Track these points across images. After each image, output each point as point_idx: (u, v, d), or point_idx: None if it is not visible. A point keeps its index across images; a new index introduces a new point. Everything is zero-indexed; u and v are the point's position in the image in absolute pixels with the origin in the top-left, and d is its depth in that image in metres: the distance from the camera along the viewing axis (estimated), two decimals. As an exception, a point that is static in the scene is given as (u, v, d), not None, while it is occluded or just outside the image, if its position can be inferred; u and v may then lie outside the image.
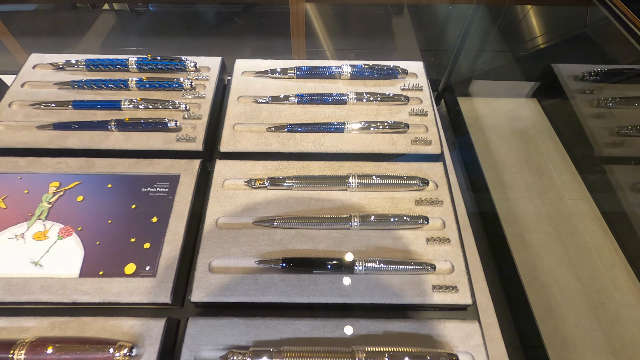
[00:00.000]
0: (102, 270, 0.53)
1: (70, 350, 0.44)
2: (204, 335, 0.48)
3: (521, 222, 0.76)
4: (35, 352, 0.44)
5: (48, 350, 0.43)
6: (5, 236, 0.56)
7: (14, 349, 0.44)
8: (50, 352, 0.44)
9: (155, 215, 0.58)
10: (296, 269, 0.52)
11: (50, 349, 0.43)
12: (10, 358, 0.44)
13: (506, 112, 0.90)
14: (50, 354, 0.44)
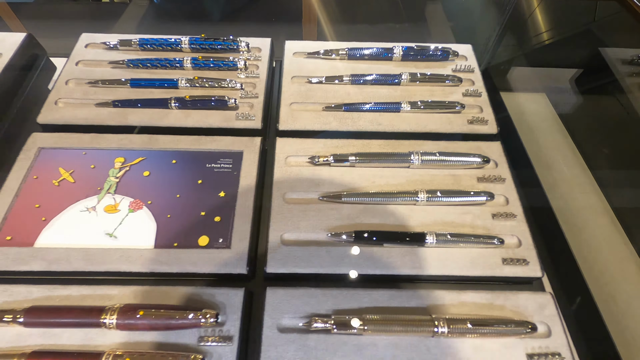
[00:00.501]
0: (176, 242, 0.53)
1: (160, 315, 0.45)
2: (284, 304, 0.49)
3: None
4: (125, 317, 0.45)
5: (138, 315, 0.44)
6: (77, 209, 0.56)
7: (105, 315, 0.45)
8: (140, 317, 0.45)
9: (222, 190, 0.58)
10: (368, 242, 0.53)
11: (142, 313, 0.44)
12: (102, 323, 0.45)
13: (539, 100, 0.90)
14: (140, 319, 0.45)
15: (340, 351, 0.46)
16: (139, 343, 0.46)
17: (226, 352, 0.46)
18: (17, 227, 0.54)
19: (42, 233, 0.54)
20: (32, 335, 0.46)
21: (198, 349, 0.46)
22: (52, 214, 0.55)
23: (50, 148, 0.62)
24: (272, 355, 0.46)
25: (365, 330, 0.46)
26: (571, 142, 0.81)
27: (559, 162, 0.71)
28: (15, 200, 0.56)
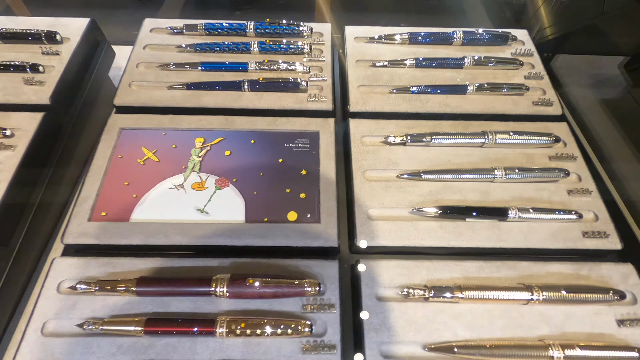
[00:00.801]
0: (266, 217, 0.55)
1: (268, 283, 0.47)
2: (378, 275, 0.51)
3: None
4: (235, 286, 0.47)
5: (248, 283, 0.46)
6: (165, 186, 0.58)
7: (215, 283, 0.47)
8: (249, 285, 0.46)
9: (303, 169, 0.60)
10: (452, 216, 0.55)
11: (251, 282, 0.46)
12: (213, 291, 0.47)
13: (586, 85, 0.92)
14: (249, 287, 0.46)
15: (438, 318, 0.48)
16: (245, 311, 0.48)
17: (330, 319, 0.48)
18: (110, 204, 0.56)
19: (135, 209, 0.55)
20: (143, 303, 0.48)
21: (303, 316, 0.48)
22: (142, 191, 0.57)
23: (131, 129, 0.63)
24: (374, 321, 0.47)
25: (462, 298, 0.48)
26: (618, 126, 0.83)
27: (619, 144, 0.73)
28: (104, 179, 0.58)
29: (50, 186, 0.63)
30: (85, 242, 0.52)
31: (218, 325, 0.45)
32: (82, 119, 0.72)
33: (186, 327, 0.45)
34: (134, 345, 0.45)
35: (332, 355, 0.45)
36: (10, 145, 0.59)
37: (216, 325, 0.45)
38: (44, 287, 0.48)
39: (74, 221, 0.53)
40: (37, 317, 0.47)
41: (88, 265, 0.51)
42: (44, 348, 0.45)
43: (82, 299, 0.48)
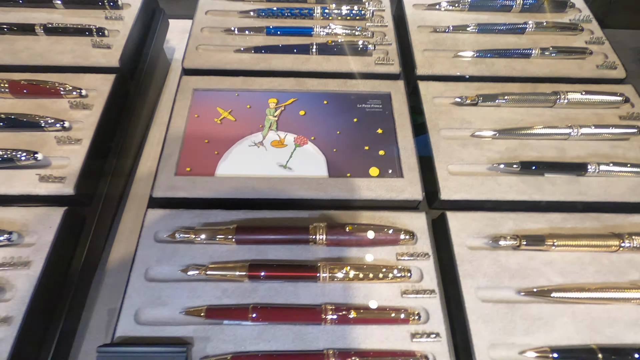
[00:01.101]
0: (349, 173, 0.56)
1: (365, 229, 0.47)
2: (466, 226, 0.51)
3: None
4: (334, 233, 0.47)
5: (347, 230, 0.47)
6: (245, 144, 0.58)
7: (313, 231, 0.47)
8: (348, 232, 0.47)
9: (379, 128, 0.61)
10: (532, 171, 0.55)
11: (350, 229, 0.47)
12: (312, 239, 0.47)
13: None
14: (347, 234, 0.47)
15: (530, 265, 0.49)
16: (341, 259, 0.49)
17: (425, 267, 0.49)
18: (194, 160, 0.56)
19: (219, 165, 0.56)
20: (240, 251, 0.49)
21: (398, 264, 0.48)
22: (223, 149, 0.57)
23: (203, 90, 0.64)
24: (467, 268, 0.48)
25: (554, 247, 0.49)
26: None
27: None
28: (184, 137, 0.58)
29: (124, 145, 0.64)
30: (175, 195, 0.52)
31: (321, 270, 0.46)
32: (147, 82, 0.73)
33: (289, 272, 0.46)
34: (238, 289, 0.46)
35: (432, 299, 0.46)
36: (87, 104, 0.60)
37: (319, 270, 0.46)
38: (141, 236, 0.49)
39: (161, 176, 0.54)
40: (139, 264, 0.47)
41: (180, 216, 0.51)
42: (150, 292, 0.45)
43: (180, 247, 0.49)
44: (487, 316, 0.45)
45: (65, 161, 0.55)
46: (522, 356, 0.43)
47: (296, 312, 0.44)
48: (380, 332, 0.44)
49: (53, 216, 0.50)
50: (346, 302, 0.46)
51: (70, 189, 0.52)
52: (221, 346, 0.43)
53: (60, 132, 0.57)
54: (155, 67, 0.76)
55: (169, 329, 0.44)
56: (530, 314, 0.46)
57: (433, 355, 0.43)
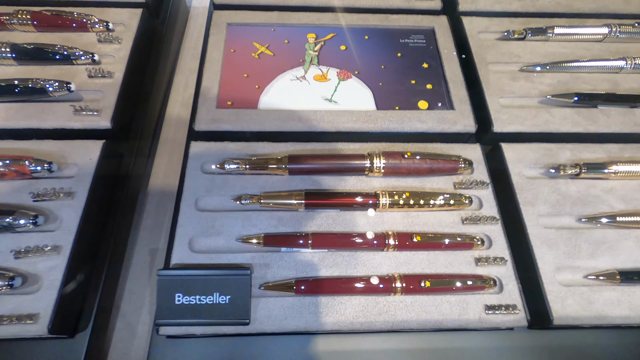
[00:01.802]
0: (397, 106, 0.54)
1: (425, 158, 0.45)
2: (522, 156, 0.50)
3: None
4: (392, 160, 0.45)
5: (405, 156, 0.45)
6: (286, 78, 0.55)
7: (369, 159, 0.45)
8: (407, 159, 0.45)
9: (424, 62, 0.58)
10: (587, 103, 0.54)
11: (409, 154, 0.45)
12: (368, 167, 0.45)
13: None
14: (406, 160, 0.45)
15: (591, 193, 0.47)
16: (398, 188, 0.47)
17: (484, 195, 0.47)
18: (234, 94, 0.53)
19: (261, 98, 0.53)
20: (292, 181, 0.47)
21: (457, 192, 0.47)
22: (264, 83, 0.55)
23: (238, 24, 0.60)
24: (527, 196, 0.47)
25: (614, 174, 0.47)
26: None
27: None
28: (222, 70, 0.55)
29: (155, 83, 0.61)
30: (219, 128, 0.50)
31: (381, 197, 0.44)
32: (172, 22, 0.69)
33: (347, 199, 0.44)
34: (293, 218, 0.44)
35: (495, 226, 0.45)
36: (116, 38, 0.56)
37: (379, 197, 0.44)
38: (188, 167, 0.47)
39: (202, 108, 0.51)
40: (188, 195, 0.45)
41: (226, 149, 0.49)
42: (203, 221, 0.43)
43: (230, 178, 0.47)
44: (550, 241, 0.44)
45: (98, 95, 0.52)
46: (588, 279, 0.43)
47: (357, 238, 0.42)
48: (444, 258, 0.43)
49: (92, 149, 0.47)
50: (406, 229, 0.44)
51: (107, 122, 0.49)
52: (281, 272, 0.41)
53: (90, 65, 0.54)
54: (178, 10, 0.72)
55: (225, 256, 0.42)
56: (595, 239, 0.45)
57: (499, 279, 0.42)
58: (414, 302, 0.40)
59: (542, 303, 0.41)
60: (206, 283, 0.37)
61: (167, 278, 0.37)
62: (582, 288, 0.42)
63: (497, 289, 0.42)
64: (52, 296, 0.38)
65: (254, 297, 0.40)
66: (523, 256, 0.44)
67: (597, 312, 0.40)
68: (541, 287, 0.41)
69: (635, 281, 0.42)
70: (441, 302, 0.40)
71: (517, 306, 0.40)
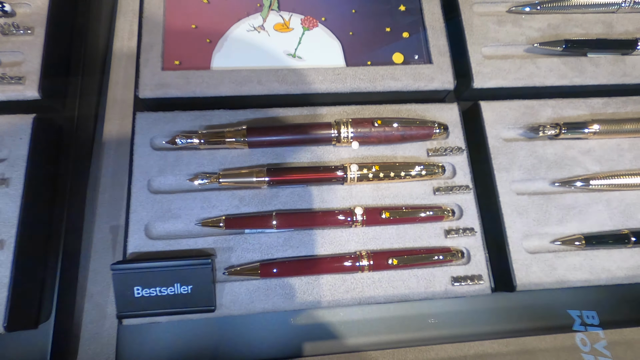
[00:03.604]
0: (369, 60, 0.48)
1: (396, 125, 0.42)
2: (502, 117, 0.46)
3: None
4: (360, 128, 0.42)
5: (375, 124, 0.41)
6: (242, 29, 0.48)
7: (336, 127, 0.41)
8: (377, 127, 0.41)
9: (401, 4, 0.51)
10: (575, 51, 0.49)
11: (379, 123, 0.41)
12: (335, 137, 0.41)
13: None
14: (377, 128, 0.41)
15: (568, 155, 0.45)
16: (368, 158, 0.44)
17: (458, 162, 0.45)
18: (182, 51, 0.46)
19: (214, 56, 0.46)
20: (254, 155, 0.43)
21: (430, 160, 0.44)
22: (216, 36, 0.47)
23: (179, -42, 0.50)
24: (502, 161, 0.45)
25: (595, 133, 0.45)
26: None
27: None
28: (165, 22, 0.47)
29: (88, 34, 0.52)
30: (167, 94, 0.44)
31: (348, 170, 0.41)
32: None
33: (313, 175, 0.41)
34: (256, 197, 0.42)
35: (467, 195, 0.44)
36: None
37: (346, 171, 0.41)
38: (135, 144, 0.42)
39: (145, 71, 0.44)
40: (138, 176, 0.41)
41: (177, 119, 0.44)
42: (158, 205, 0.40)
43: (184, 154, 0.42)
44: (521, 208, 0.43)
45: (18, 57, 0.44)
46: (553, 245, 0.43)
47: (323, 216, 0.40)
48: (413, 231, 0.42)
49: (21, 125, 0.41)
50: (376, 203, 0.43)
51: (34, 92, 0.42)
52: (246, 255, 0.40)
53: (1, 18, 0.45)
54: None
55: (185, 242, 0.40)
56: (565, 204, 0.44)
57: (467, 249, 0.42)
58: (382, 278, 0.40)
59: (507, 271, 0.41)
60: (165, 274, 0.36)
61: (123, 272, 0.35)
62: (548, 255, 0.42)
63: (465, 259, 0.42)
64: (2, 294, 0.37)
65: (218, 282, 0.39)
66: (493, 225, 0.43)
67: (559, 277, 0.41)
68: (507, 256, 0.42)
69: (598, 245, 0.42)
70: (409, 277, 0.40)
71: (482, 276, 0.41)
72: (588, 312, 0.45)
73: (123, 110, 0.55)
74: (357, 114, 0.46)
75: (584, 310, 0.45)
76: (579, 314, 0.45)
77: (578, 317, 0.45)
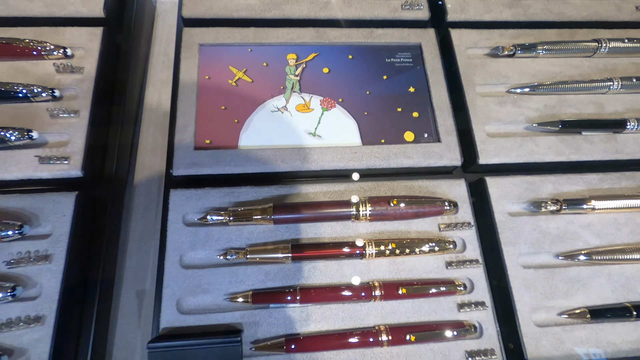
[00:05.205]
0: (383, 139, 0.52)
1: (411, 204, 0.45)
2: (506, 191, 0.50)
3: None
4: (378, 207, 0.45)
5: (392, 204, 0.45)
6: (267, 109, 0.52)
7: (355, 206, 0.45)
8: (393, 206, 0.45)
9: (410, 86, 0.56)
10: (570, 130, 0.53)
11: (395, 202, 0.45)
12: (354, 214, 0.45)
13: None
14: (392, 208, 0.45)
15: (569, 229, 0.49)
16: (384, 233, 0.47)
17: (467, 236, 0.48)
18: (212, 131, 0.50)
19: (242, 135, 0.50)
20: (278, 231, 0.46)
21: (442, 236, 0.47)
22: (243, 116, 0.52)
23: (211, 45, 0.55)
24: (508, 235, 0.48)
25: (594, 209, 0.49)
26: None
27: None
28: (198, 103, 0.51)
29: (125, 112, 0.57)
30: (198, 172, 0.48)
31: (367, 247, 0.44)
32: (137, 33, 0.62)
33: (334, 251, 0.44)
34: (281, 271, 0.44)
35: (477, 269, 0.47)
36: (76, 67, 0.51)
37: (365, 247, 0.44)
38: (169, 220, 0.45)
39: (179, 151, 0.48)
40: (171, 251, 0.44)
41: (207, 195, 0.47)
42: (189, 280, 0.43)
43: (214, 230, 0.46)
44: (528, 282, 0.46)
45: (64, 137, 0.48)
46: (560, 317, 0.45)
47: (344, 291, 0.43)
48: (428, 305, 0.44)
49: (64, 203, 0.45)
50: (392, 277, 0.45)
51: (77, 171, 0.46)
52: (271, 330, 0.42)
53: (51, 101, 0.49)
54: (143, 13, 0.65)
55: (214, 316, 0.42)
56: (570, 277, 0.47)
57: (479, 323, 0.45)
58: (400, 352, 0.42)
59: (518, 345, 0.44)
60: (198, 352, 0.38)
61: (158, 351, 0.37)
62: (555, 328, 0.44)
63: (478, 333, 0.44)
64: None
65: (245, 356, 0.41)
66: (502, 298, 0.46)
67: (567, 351, 0.44)
68: (518, 330, 0.44)
69: (602, 318, 0.45)
70: (425, 351, 0.42)
71: (494, 350, 0.43)
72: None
73: (151, 178, 0.59)
74: (373, 189, 0.49)
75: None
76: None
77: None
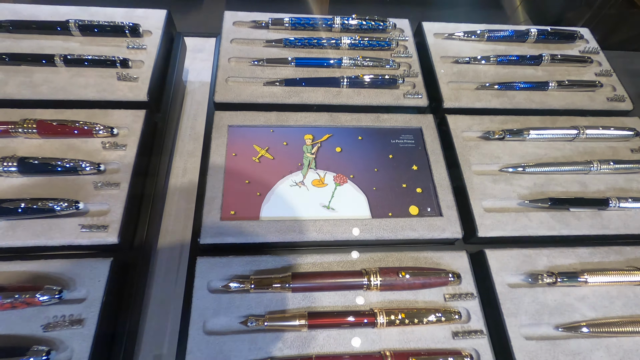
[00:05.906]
0: (390, 212, 0.57)
1: (418, 275, 0.49)
2: (505, 263, 0.54)
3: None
4: (388, 277, 0.49)
5: (400, 275, 0.48)
6: (286, 184, 0.58)
7: (367, 277, 0.49)
8: (401, 278, 0.49)
9: (413, 164, 0.62)
10: (559, 207, 0.59)
11: (403, 274, 0.48)
12: (365, 284, 0.49)
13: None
14: (401, 279, 0.49)
15: (566, 301, 0.52)
16: (392, 302, 0.50)
17: (471, 307, 0.51)
18: (237, 202, 0.56)
19: (263, 207, 0.56)
20: (295, 299, 0.49)
21: (447, 306, 0.51)
22: (264, 189, 0.57)
23: (238, 126, 0.63)
24: (509, 307, 0.51)
25: (587, 282, 0.52)
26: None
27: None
28: (225, 177, 0.58)
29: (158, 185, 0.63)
30: (223, 241, 0.52)
31: (378, 316, 0.47)
32: (173, 113, 0.71)
33: (348, 319, 0.47)
34: (297, 339, 0.47)
35: (482, 339, 0.49)
36: (120, 144, 0.58)
37: (377, 316, 0.47)
38: (195, 287, 0.49)
39: (207, 221, 0.53)
40: (196, 317, 0.47)
41: (231, 263, 0.51)
42: (211, 347, 0.46)
43: (235, 297, 0.49)
44: (532, 354, 0.48)
45: (104, 206, 0.53)
46: (565, 390, 0.47)
47: (357, 360, 0.45)
48: (437, 376, 0.47)
49: (100, 268, 0.49)
50: (402, 346, 0.48)
51: (114, 238, 0.51)
52: (288, 398, 0.44)
53: (95, 175, 0.56)
54: (177, 95, 0.74)
55: (234, 383, 0.44)
56: (570, 350, 0.49)
57: (487, 394, 0.46)
58: None
59: (526, 418, 0.45)
60: (218, 421, 0.39)
61: (181, 419, 0.39)
62: (561, 401, 0.46)
63: (486, 405, 0.46)
64: None
65: None
66: (508, 370, 0.48)
67: None
68: (524, 402, 0.46)
69: (606, 392, 0.47)
70: None
71: None
72: None
73: (172, 243, 0.64)
74: (382, 260, 0.54)
75: None
76: None
77: None
